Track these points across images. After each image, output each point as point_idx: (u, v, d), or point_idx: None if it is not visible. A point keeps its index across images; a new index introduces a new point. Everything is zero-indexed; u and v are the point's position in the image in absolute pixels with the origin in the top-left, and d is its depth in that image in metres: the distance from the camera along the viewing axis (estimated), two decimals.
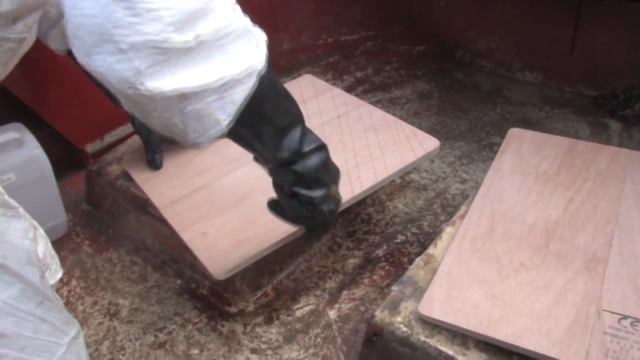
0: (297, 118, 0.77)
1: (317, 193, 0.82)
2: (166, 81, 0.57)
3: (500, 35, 2.12)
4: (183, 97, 0.59)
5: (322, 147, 0.80)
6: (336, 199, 0.88)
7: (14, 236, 0.73)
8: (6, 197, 0.95)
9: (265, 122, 0.71)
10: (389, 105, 1.90)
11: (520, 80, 2.08)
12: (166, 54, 0.55)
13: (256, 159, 0.83)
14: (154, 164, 1.29)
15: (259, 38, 0.67)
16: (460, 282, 0.98)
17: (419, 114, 1.88)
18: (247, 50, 0.63)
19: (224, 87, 0.61)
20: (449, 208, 1.47)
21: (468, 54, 2.20)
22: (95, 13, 0.52)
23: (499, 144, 1.38)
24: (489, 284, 0.97)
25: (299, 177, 0.79)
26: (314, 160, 0.79)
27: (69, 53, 1.13)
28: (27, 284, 0.71)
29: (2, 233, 0.71)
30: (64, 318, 0.78)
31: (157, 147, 1.29)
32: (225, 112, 0.64)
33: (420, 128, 1.34)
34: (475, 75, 2.11)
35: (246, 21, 0.64)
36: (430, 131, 1.32)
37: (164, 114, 0.62)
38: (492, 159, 1.39)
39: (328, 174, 0.84)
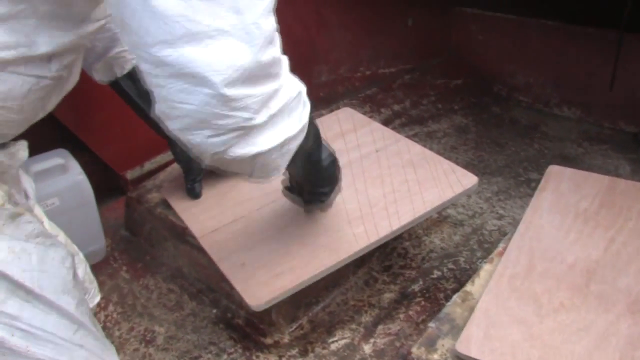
0: (319, 136, 1.02)
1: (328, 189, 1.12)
2: (245, 149, 0.72)
3: (538, 70, 2.12)
4: (255, 156, 0.74)
5: (334, 158, 1.09)
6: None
7: (52, 265, 0.74)
8: (46, 224, 0.98)
9: (301, 150, 0.86)
10: (426, 139, 1.90)
11: (558, 116, 2.06)
12: (247, 131, 0.70)
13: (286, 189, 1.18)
14: (194, 193, 1.31)
15: (304, 93, 0.81)
16: (498, 321, 0.97)
17: (456, 148, 1.88)
18: (300, 110, 0.79)
19: (284, 143, 0.77)
20: (486, 244, 1.46)
21: (505, 88, 2.20)
22: (197, 107, 0.64)
23: (536, 180, 1.37)
24: (527, 324, 0.96)
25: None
26: (330, 170, 1.09)
27: (111, 84, 1.19)
28: (63, 313, 0.73)
29: (40, 262, 0.73)
30: (101, 345, 0.79)
31: (197, 175, 1.32)
32: (283, 160, 0.80)
33: (457, 162, 1.34)
34: (512, 110, 2.11)
35: (299, 85, 0.79)
36: (467, 166, 1.31)
37: (238, 168, 0.78)
38: (530, 195, 1.38)
39: (339, 173, 1.13)
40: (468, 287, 1.08)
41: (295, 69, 0.77)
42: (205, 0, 0.60)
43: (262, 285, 1.07)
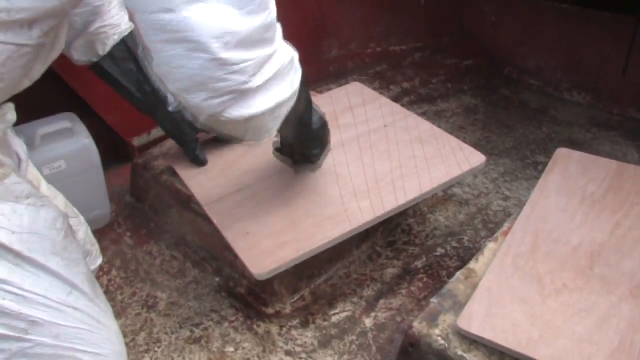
0: (310, 101, 1.07)
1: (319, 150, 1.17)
2: (239, 111, 0.73)
3: (550, 54, 2.10)
4: (249, 119, 0.75)
5: (325, 121, 1.14)
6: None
7: (43, 226, 0.74)
8: (43, 187, 0.97)
9: (293, 114, 0.88)
10: (434, 118, 1.90)
11: (568, 100, 2.05)
12: (243, 94, 0.71)
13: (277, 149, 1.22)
14: (199, 161, 1.31)
15: (296, 59, 0.83)
16: (500, 299, 0.97)
17: (464, 128, 1.87)
18: (292, 75, 0.81)
19: (277, 107, 0.78)
20: (490, 224, 1.46)
21: (516, 71, 2.18)
22: (196, 71, 0.66)
23: (543, 163, 1.36)
24: (529, 303, 0.96)
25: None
26: (321, 132, 1.14)
27: (92, 66, 1.17)
28: (54, 274, 0.73)
29: (31, 223, 0.72)
30: (96, 307, 0.79)
31: (192, 143, 1.31)
32: (275, 123, 0.82)
33: (465, 142, 1.33)
34: (522, 93, 2.10)
35: (291, 52, 0.80)
36: (475, 146, 1.30)
37: (232, 129, 0.79)
38: (536, 178, 1.37)
39: (328, 135, 1.17)
40: (472, 264, 1.08)
41: (305, 43, 0.78)
42: None
43: (266, 255, 1.07)
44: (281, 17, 0.74)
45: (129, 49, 1.16)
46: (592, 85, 2.02)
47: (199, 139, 1.32)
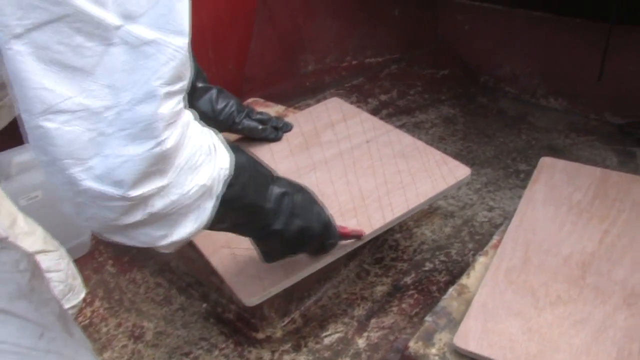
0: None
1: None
2: (116, 237, 0.66)
3: (525, 61, 2.11)
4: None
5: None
6: None
7: (4, 270, 0.71)
8: (20, 220, 0.94)
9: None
10: (413, 130, 1.89)
11: (544, 107, 2.06)
12: (113, 227, 0.62)
13: None
14: None
15: (216, 187, 0.72)
16: (495, 314, 0.96)
17: (444, 139, 1.87)
18: (198, 211, 0.70)
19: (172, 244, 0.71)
20: (477, 236, 1.45)
21: (492, 79, 2.19)
22: (58, 186, 0.58)
23: (525, 171, 1.35)
24: (525, 317, 0.95)
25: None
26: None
27: None
28: (22, 319, 0.69)
29: None
30: (72, 346, 0.75)
31: None
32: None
33: (446, 154, 1.32)
34: (499, 101, 2.10)
35: (210, 176, 0.69)
36: (456, 157, 1.30)
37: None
38: (519, 186, 1.37)
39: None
40: (464, 280, 1.07)
41: (282, 58, 0.75)
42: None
43: (254, 280, 1.05)
44: (258, 33, 0.69)
45: None
46: (567, 91, 2.03)
47: None
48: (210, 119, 1.25)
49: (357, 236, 1.09)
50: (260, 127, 1.34)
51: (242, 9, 1.70)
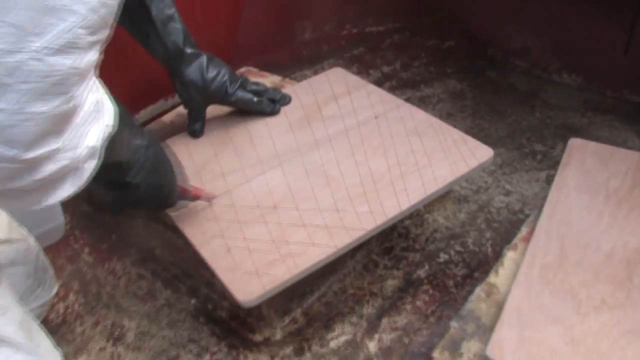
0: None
1: None
2: None
3: (537, 33, 1.97)
4: None
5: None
6: None
7: None
8: None
9: None
10: (419, 105, 1.74)
11: (557, 83, 1.92)
12: None
13: None
14: (193, 131, 1.20)
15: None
16: (532, 320, 0.84)
17: (452, 115, 1.73)
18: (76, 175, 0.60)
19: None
20: (494, 223, 1.32)
21: (501, 52, 2.04)
22: None
23: (542, 152, 1.22)
24: (566, 324, 0.83)
25: None
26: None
27: None
28: None
29: None
30: (37, 357, 0.65)
31: (198, 114, 1.20)
32: None
33: None
34: (509, 75, 1.96)
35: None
36: (467, 135, 1.17)
37: None
38: (536, 168, 1.24)
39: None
40: (492, 278, 0.95)
41: (277, 25, 0.61)
42: None
43: (252, 276, 0.91)
44: None
45: None
46: (582, 66, 1.89)
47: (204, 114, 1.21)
48: (199, 88, 1.11)
49: (209, 199, 1.03)
50: (255, 99, 1.21)
51: None
